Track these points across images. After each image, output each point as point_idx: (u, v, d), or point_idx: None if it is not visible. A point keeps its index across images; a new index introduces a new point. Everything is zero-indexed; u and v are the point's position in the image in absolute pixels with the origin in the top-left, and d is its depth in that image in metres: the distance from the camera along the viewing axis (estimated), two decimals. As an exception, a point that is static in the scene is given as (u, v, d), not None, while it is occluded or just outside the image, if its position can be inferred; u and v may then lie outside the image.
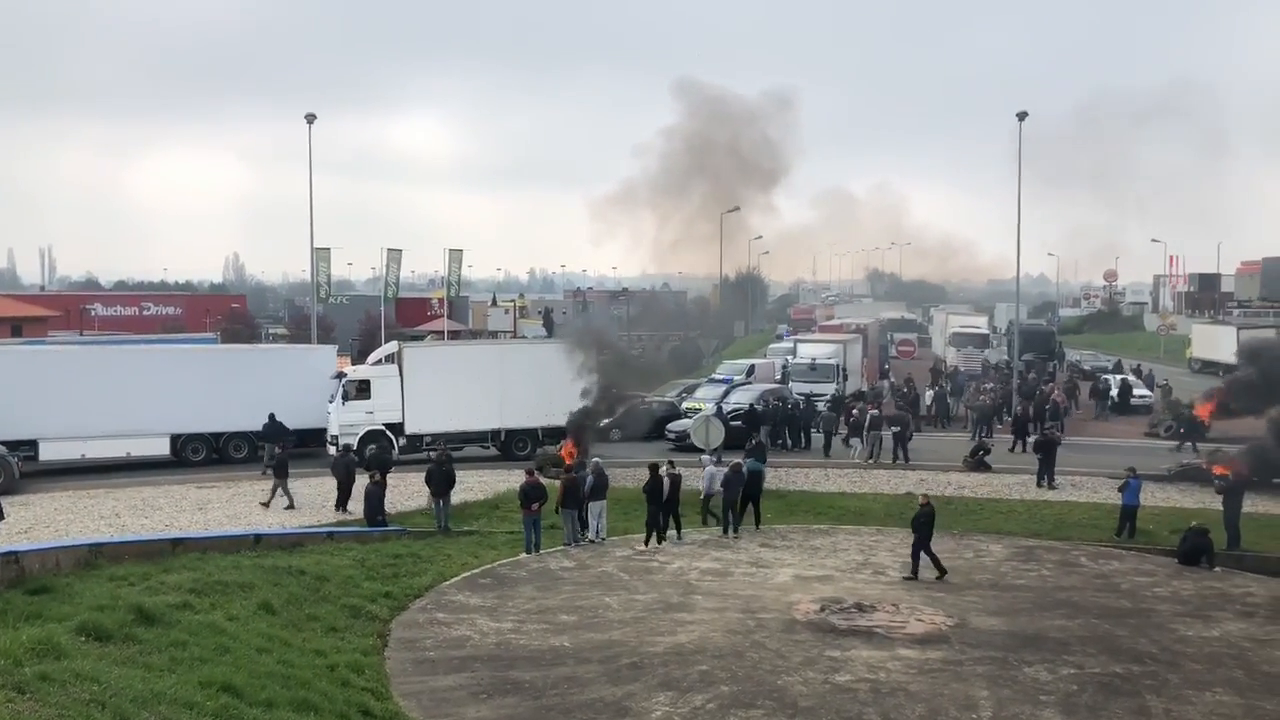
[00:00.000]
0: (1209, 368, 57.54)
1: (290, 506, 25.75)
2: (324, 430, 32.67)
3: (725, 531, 23.42)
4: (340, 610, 16.74)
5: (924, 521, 20.23)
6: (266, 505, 25.89)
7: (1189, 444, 34.77)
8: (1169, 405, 41.88)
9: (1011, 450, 33.97)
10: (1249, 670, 15.44)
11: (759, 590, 19.18)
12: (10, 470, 28.68)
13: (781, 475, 30.45)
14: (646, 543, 22.28)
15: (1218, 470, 27.58)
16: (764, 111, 36.28)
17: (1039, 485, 29.14)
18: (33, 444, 30.64)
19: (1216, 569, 21.27)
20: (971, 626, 17.18)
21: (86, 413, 30.77)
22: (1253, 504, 25.29)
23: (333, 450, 31.59)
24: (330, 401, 32.59)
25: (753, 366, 48.89)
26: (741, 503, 23.76)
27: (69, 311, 71.57)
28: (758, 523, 24.11)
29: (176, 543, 18.91)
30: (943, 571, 20.09)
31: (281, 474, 26.23)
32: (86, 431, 30.89)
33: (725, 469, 24.11)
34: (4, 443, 29.20)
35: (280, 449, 28.59)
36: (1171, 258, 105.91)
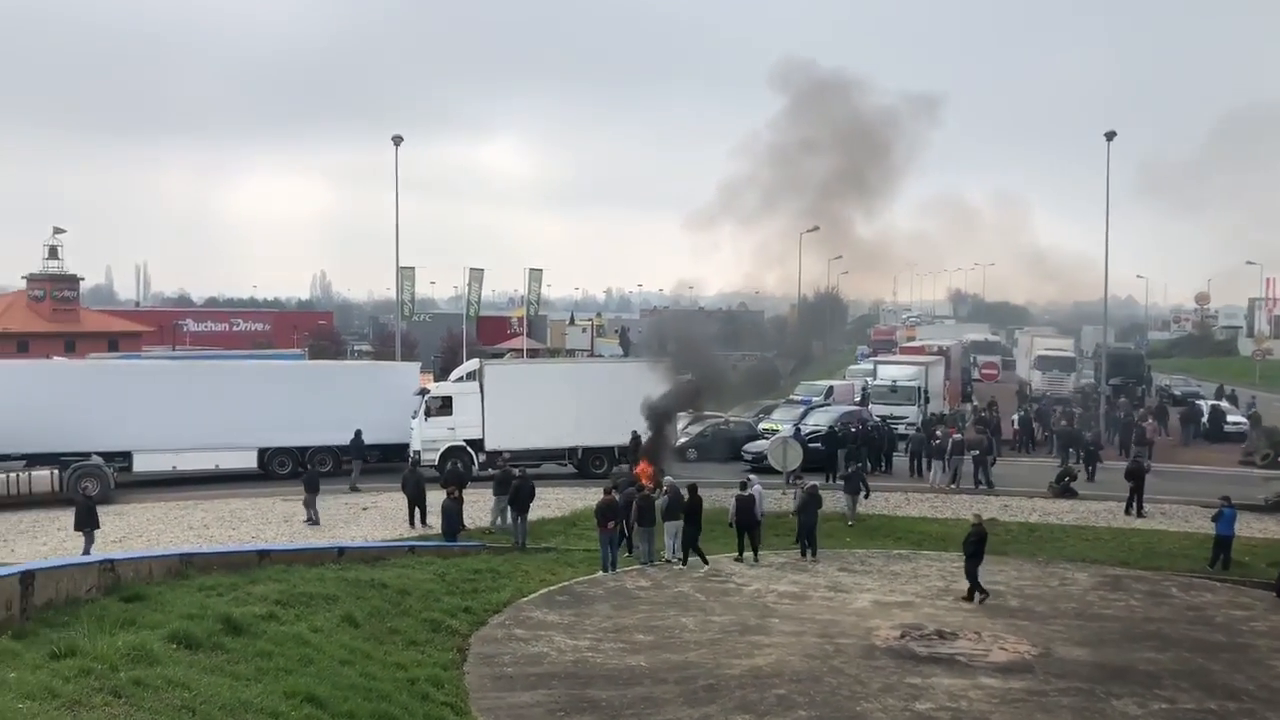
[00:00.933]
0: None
1: (313, 522, 26.08)
2: (407, 446, 33.16)
3: (803, 554, 23.18)
4: (421, 624, 16.93)
5: (974, 541, 20.02)
6: (313, 521, 26.28)
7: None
8: (1265, 433, 40.54)
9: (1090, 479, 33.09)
10: (1352, 710, 14.81)
11: (837, 615, 18.96)
12: (106, 480, 29.65)
13: (860, 500, 30.09)
14: (685, 560, 22.14)
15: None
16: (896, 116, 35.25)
17: (1127, 513, 28.37)
18: (127, 455, 31.63)
19: (1317, 603, 20.47)
20: (1056, 656, 16.77)
21: (178, 426, 31.65)
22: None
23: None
24: (413, 417, 33.08)
25: (831, 388, 48.49)
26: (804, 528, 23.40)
27: (162, 327, 73.77)
28: (807, 551, 23.49)
29: (263, 554, 19.31)
30: (984, 595, 19.91)
31: (311, 489, 26.57)
32: (178, 444, 31.78)
33: (797, 490, 23.92)
34: (100, 454, 30.21)
35: (317, 466, 28.81)
36: (1268, 280, 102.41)
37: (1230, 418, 45.20)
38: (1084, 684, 15.46)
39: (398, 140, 42.36)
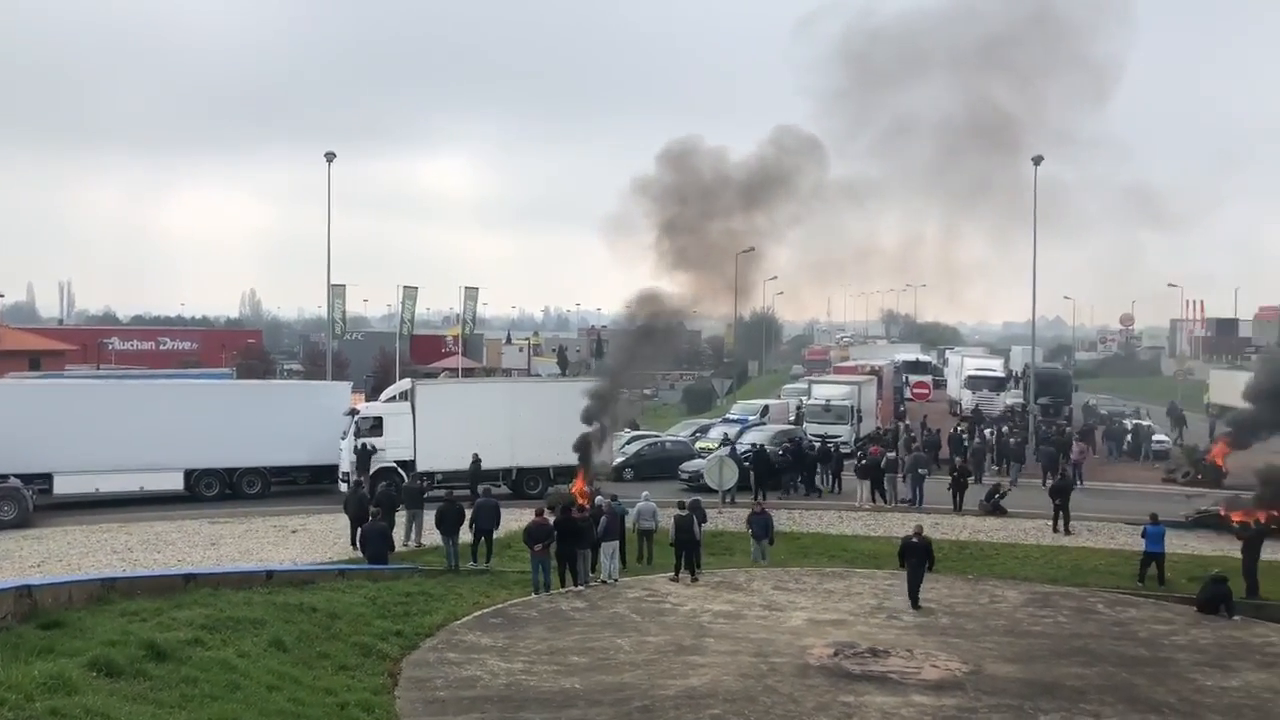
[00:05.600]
0: (1227, 413, 57.04)
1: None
2: (337, 467, 32.70)
3: (676, 574, 22.90)
4: (351, 648, 16.66)
5: (917, 550, 21.10)
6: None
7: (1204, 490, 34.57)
8: (1187, 451, 41.69)
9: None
10: (1270, 722, 15.21)
11: (772, 633, 19.02)
12: (24, 503, 28.78)
13: (796, 517, 30.32)
14: (563, 583, 21.80)
15: (1236, 518, 27.34)
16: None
17: (1055, 530, 28.90)
18: (47, 477, 30.78)
19: (1236, 618, 20.99)
20: (987, 673, 16.98)
21: (101, 447, 30.90)
22: (1272, 552, 24.99)
23: (344, 487, 31.63)
24: (343, 438, 32.63)
25: (767, 407, 48.84)
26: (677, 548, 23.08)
27: (86, 345, 72.10)
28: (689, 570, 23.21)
29: (189, 578, 18.85)
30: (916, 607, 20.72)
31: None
32: (100, 465, 31.00)
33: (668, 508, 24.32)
34: (19, 476, 29.34)
35: None
36: (1189, 302, 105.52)
37: (1155, 437, 46.33)
38: (1013, 700, 15.68)
39: (330, 157, 42.10)
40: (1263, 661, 18.21)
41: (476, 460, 31.37)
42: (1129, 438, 46.02)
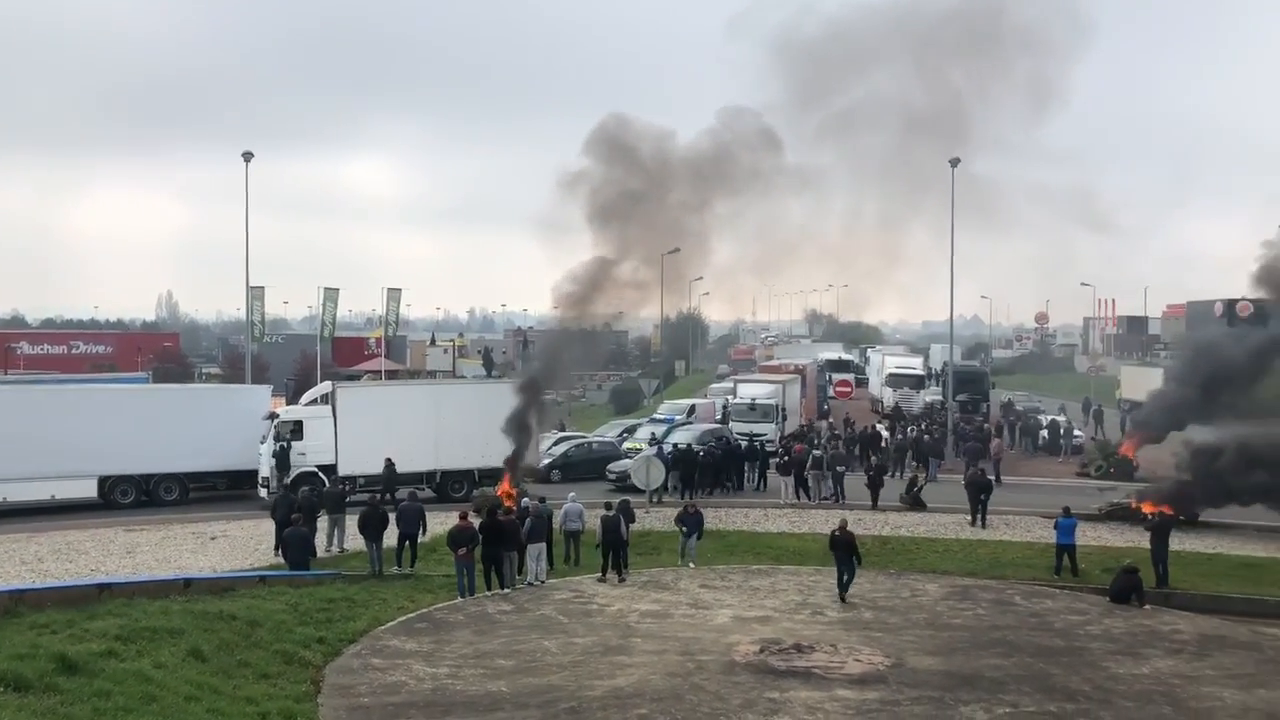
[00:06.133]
0: (1138, 409, 58.73)
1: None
2: (257, 472, 32.09)
3: (603, 575, 22.97)
4: (272, 656, 16.40)
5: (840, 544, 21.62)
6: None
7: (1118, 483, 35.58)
8: (1100, 446, 42.86)
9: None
10: (1177, 706, 15.71)
11: (698, 632, 19.13)
12: (-72, 514, 27.75)
13: (722, 516, 30.51)
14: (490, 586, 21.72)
15: (1146, 509, 28.19)
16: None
17: (972, 525, 29.49)
18: (-48, 487, 29.70)
19: (1146, 607, 21.64)
20: (909, 666, 17.28)
21: (8, 454, 29.88)
22: (1180, 542, 25.82)
23: (264, 493, 31.09)
24: (262, 443, 32.04)
25: (693, 406, 49.09)
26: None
27: (-7, 350, 69.75)
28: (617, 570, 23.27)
29: (103, 588, 18.40)
30: (843, 601, 21.37)
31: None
32: (8, 474, 29.97)
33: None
34: (-78, 485, 28.28)
35: None
36: (1101, 301, 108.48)
37: (1072, 431, 47.48)
38: (934, 692, 15.98)
39: (248, 156, 41.35)
40: (1171, 649, 18.80)
41: (390, 464, 30.98)
42: (1044, 433, 47.14)
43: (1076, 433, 47.65)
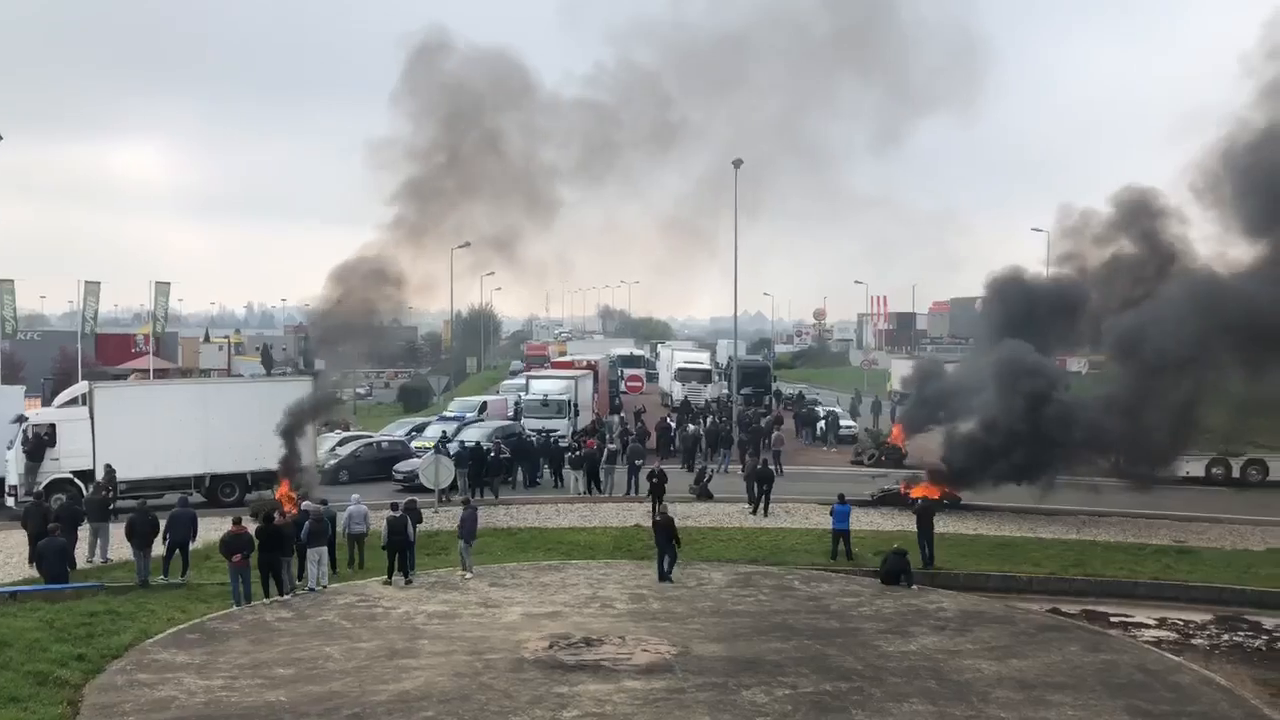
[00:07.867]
0: (907, 400, 62.29)
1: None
2: (4, 480, 29.64)
3: (389, 578, 22.42)
4: (23, 677, 15.26)
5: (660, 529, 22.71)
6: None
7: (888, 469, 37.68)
8: (872, 435, 45.20)
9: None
10: (940, 679, 16.71)
11: (488, 631, 18.96)
12: None
13: (513, 513, 30.39)
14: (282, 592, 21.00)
15: (915, 493, 29.91)
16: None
17: (754, 513, 30.48)
18: None
19: (914, 587, 22.94)
20: (694, 654, 17.68)
21: None
22: (944, 524, 27.51)
23: (11, 502, 28.77)
24: (9, 448, 29.59)
25: (485, 403, 48.67)
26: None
27: None
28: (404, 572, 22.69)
29: None
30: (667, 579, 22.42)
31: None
32: None
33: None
34: None
35: None
36: (873, 297, 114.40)
37: (844, 422, 49.90)
38: (719, 678, 16.41)
39: (-5, 138, 38.09)
40: (936, 625, 19.99)
41: (110, 470, 28.31)
42: (822, 424, 49.30)
43: (846, 423, 50.05)
